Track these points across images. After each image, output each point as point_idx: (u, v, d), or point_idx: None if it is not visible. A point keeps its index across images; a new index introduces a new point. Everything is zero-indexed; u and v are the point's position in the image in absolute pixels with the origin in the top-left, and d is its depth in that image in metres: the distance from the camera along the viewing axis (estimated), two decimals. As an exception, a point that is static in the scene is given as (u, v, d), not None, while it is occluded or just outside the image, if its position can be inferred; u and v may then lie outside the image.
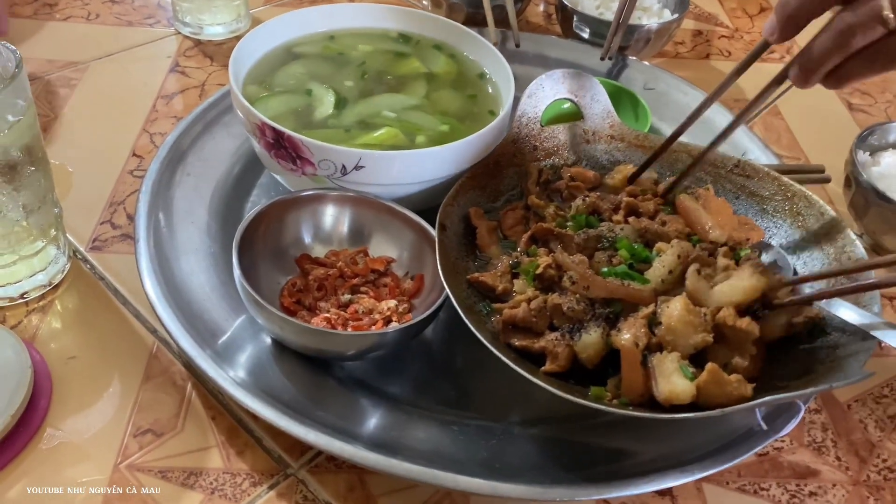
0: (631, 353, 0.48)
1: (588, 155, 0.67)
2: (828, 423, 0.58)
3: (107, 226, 0.67)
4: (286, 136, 0.57)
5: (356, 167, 0.58)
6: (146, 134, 0.77)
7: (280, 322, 0.51)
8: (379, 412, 0.52)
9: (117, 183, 0.71)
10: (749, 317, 0.50)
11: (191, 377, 0.56)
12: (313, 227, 0.60)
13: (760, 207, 0.63)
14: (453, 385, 0.56)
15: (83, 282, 0.62)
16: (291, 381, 0.53)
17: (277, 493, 0.50)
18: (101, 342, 0.58)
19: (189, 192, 0.66)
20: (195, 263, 0.60)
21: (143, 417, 0.53)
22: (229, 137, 0.72)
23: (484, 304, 0.56)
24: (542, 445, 0.51)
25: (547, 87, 0.66)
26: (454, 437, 0.51)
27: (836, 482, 0.54)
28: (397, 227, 0.60)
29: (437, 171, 0.60)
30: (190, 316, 0.56)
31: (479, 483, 0.47)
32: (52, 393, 0.54)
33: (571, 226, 0.60)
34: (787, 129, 0.88)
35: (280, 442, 0.52)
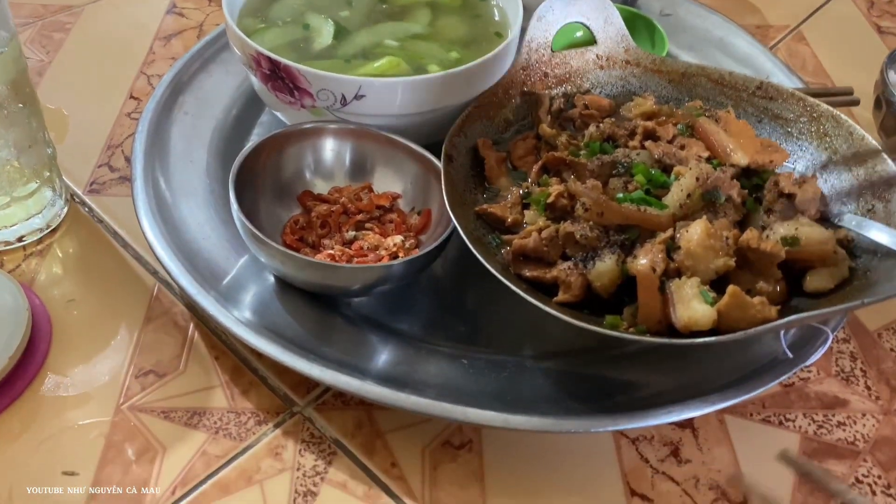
0: (647, 278, 0.46)
1: (602, 82, 0.64)
2: (856, 352, 0.56)
3: (104, 169, 0.65)
4: (282, 65, 0.55)
5: (356, 97, 0.55)
6: (143, 76, 0.74)
7: (282, 257, 0.49)
8: (387, 348, 0.50)
9: (115, 125, 0.69)
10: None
11: (193, 318, 0.54)
12: (314, 162, 0.58)
13: (784, 130, 0.60)
14: (463, 320, 0.54)
15: (82, 225, 0.60)
16: (296, 319, 0.51)
17: (283, 432, 0.48)
18: (102, 285, 0.56)
19: (188, 131, 0.64)
20: (195, 203, 0.58)
21: (144, 359, 0.52)
22: (228, 76, 0.69)
23: (493, 237, 0.54)
24: (555, 378, 0.49)
25: (557, 10, 0.63)
26: (464, 370, 0.49)
27: (866, 412, 0.52)
28: (401, 161, 0.58)
29: (443, 100, 0.58)
30: (191, 256, 0.54)
31: (490, 415, 0.45)
32: (51, 336, 0.52)
33: (585, 154, 0.57)
34: (812, 54, 0.83)
35: (285, 380, 0.51)
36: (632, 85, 0.64)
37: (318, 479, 0.46)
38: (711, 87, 0.63)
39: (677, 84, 0.64)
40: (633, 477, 0.48)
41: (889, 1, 0.93)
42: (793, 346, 0.49)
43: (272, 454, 0.47)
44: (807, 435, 0.50)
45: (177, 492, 0.45)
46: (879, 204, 0.52)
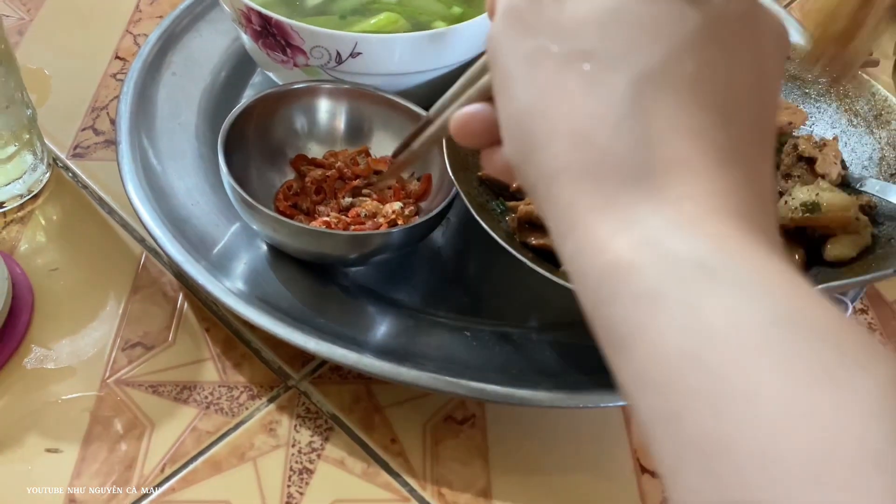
0: None
1: (610, 40, 0.61)
2: (875, 323, 0.53)
3: (89, 132, 0.62)
4: (274, 21, 0.52)
5: (352, 54, 0.52)
6: (129, 35, 0.71)
7: (274, 224, 0.47)
8: (386, 319, 0.48)
9: (99, 87, 0.66)
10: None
11: (182, 288, 0.52)
12: (308, 124, 0.55)
13: (803, 91, 0.57)
14: (466, 290, 0.52)
15: (65, 191, 0.57)
16: (290, 289, 0.49)
17: (278, 406, 0.46)
18: (86, 253, 0.54)
19: (175, 93, 0.61)
20: (183, 168, 0.55)
21: (131, 330, 0.49)
22: (218, 34, 0.66)
23: (498, 203, 0.51)
24: (562, 350, 0.47)
25: (564, -36, 0.59)
26: (467, 343, 0.47)
27: (885, 385, 0.50)
28: (400, 123, 0.55)
29: (444, 58, 0.55)
30: (179, 223, 0.51)
31: (494, 389, 0.43)
32: (33, 307, 0.50)
33: (593, 116, 0.54)
34: (828, 14, 0.80)
35: (280, 353, 0.48)
36: (642, 44, 0.61)
37: (315, 455, 0.44)
38: (725, 47, 0.60)
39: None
40: (644, 453, 0.46)
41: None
42: (810, 317, 0.47)
43: (266, 430, 0.45)
44: (823, 409, 0.48)
45: (166, 469, 0.43)
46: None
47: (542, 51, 0.23)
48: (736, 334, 0.18)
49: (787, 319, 0.18)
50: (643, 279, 0.19)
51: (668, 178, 0.20)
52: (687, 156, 0.21)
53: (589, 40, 0.22)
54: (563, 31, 0.23)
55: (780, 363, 0.17)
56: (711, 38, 0.22)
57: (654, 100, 0.21)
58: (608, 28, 0.22)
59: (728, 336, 0.18)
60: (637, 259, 0.20)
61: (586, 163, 0.21)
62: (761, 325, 0.17)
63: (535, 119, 0.23)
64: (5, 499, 0.41)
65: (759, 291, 0.18)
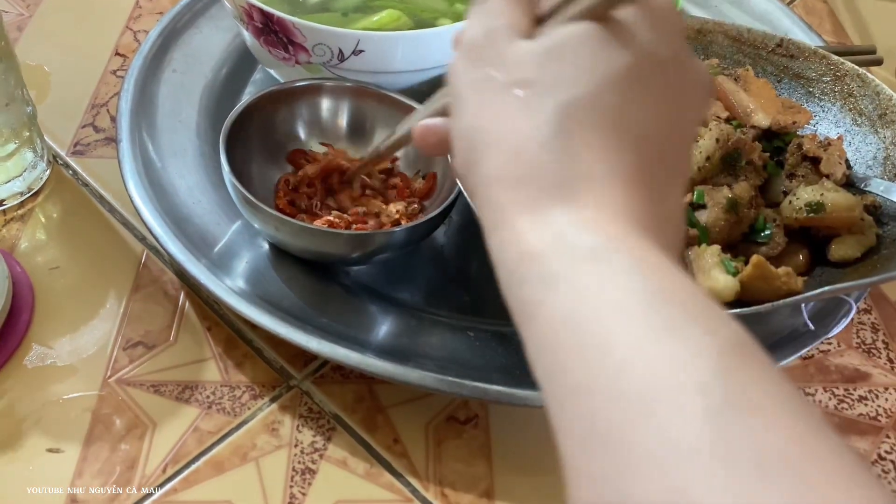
0: None
1: (613, 38, 0.61)
2: (878, 323, 0.53)
3: (89, 129, 0.62)
4: (276, 18, 0.51)
5: (355, 52, 0.52)
6: (129, 32, 0.70)
7: (276, 223, 0.46)
8: (388, 319, 0.48)
9: (99, 84, 0.65)
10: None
11: (183, 286, 0.52)
12: (310, 122, 0.55)
13: (806, 90, 0.56)
14: (468, 290, 0.52)
15: (65, 188, 0.57)
16: (292, 288, 0.49)
17: (280, 406, 0.46)
18: (87, 252, 0.53)
19: (176, 90, 0.61)
20: (184, 166, 0.55)
21: (133, 329, 0.49)
22: (219, 31, 0.65)
23: (500, 202, 0.51)
24: (566, 351, 0.47)
25: (567, -39, 0.59)
26: (470, 343, 0.47)
27: (889, 385, 0.50)
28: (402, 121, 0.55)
29: (446, 56, 0.54)
30: (180, 221, 0.51)
31: (497, 390, 0.43)
32: (34, 306, 0.50)
33: (596, 114, 0.54)
34: (831, 12, 0.80)
35: (282, 352, 0.48)
36: (645, 42, 0.61)
37: (317, 455, 0.44)
38: (729, 45, 0.60)
39: (693, 41, 0.60)
40: (647, 454, 0.45)
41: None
42: (814, 317, 0.47)
43: (268, 430, 0.45)
44: (827, 410, 0.48)
45: (168, 470, 0.43)
46: (908, 168, 0.49)
47: (489, 79, 0.27)
48: (603, 300, 0.22)
49: (649, 290, 0.22)
50: (546, 264, 0.23)
51: (579, 188, 0.24)
52: (598, 172, 0.25)
53: (528, 72, 0.26)
54: (507, 64, 0.26)
55: (634, 320, 0.21)
56: (636, 77, 0.25)
57: (576, 123, 0.25)
58: (545, 62, 0.26)
59: (597, 302, 0.22)
60: (544, 249, 0.24)
61: (517, 173, 0.25)
62: (626, 293, 0.22)
63: (477, 135, 0.27)
64: (6, 498, 0.41)
65: (632, 271, 0.22)
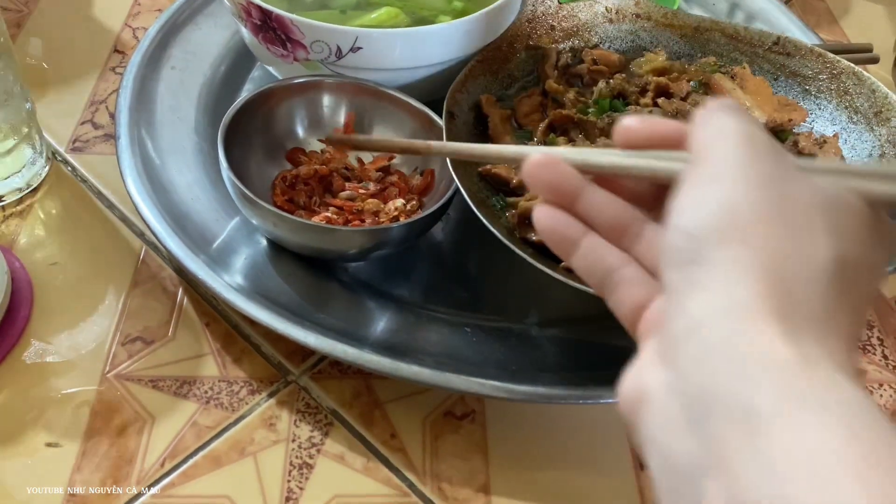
0: None
1: (611, 36, 0.61)
2: (873, 319, 0.54)
3: (88, 126, 0.62)
4: (274, 15, 0.52)
5: (353, 49, 0.52)
6: (128, 29, 0.71)
7: (275, 219, 0.46)
8: (386, 315, 0.48)
9: (98, 80, 0.65)
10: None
11: (182, 282, 0.52)
12: (308, 119, 0.55)
13: (802, 88, 0.57)
14: (465, 286, 0.52)
15: (64, 185, 0.57)
16: (290, 285, 0.49)
17: (278, 401, 0.46)
18: (86, 248, 0.53)
19: (175, 86, 0.61)
20: (183, 162, 0.55)
21: (131, 325, 0.49)
22: (217, 28, 0.66)
23: (497, 199, 0.51)
24: (562, 347, 0.47)
25: (565, -41, 0.59)
26: (467, 339, 0.47)
27: (884, 382, 0.50)
28: (401, 118, 0.55)
29: (444, 53, 0.54)
30: (179, 218, 0.51)
31: (494, 386, 0.43)
32: (33, 301, 0.50)
33: (594, 112, 0.54)
34: (828, 10, 0.80)
35: (280, 348, 0.48)
36: (642, 40, 0.61)
37: (315, 450, 0.44)
38: (725, 43, 0.60)
39: (690, 39, 0.61)
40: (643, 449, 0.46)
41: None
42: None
43: (266, 425, 0.45)
44: (822, 406, 0.48)
45: (166, 464, 0.43)
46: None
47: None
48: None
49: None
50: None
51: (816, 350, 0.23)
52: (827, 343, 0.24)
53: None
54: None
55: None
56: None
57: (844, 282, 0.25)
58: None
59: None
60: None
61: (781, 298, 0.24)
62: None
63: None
64: (7, 492, 0.41)
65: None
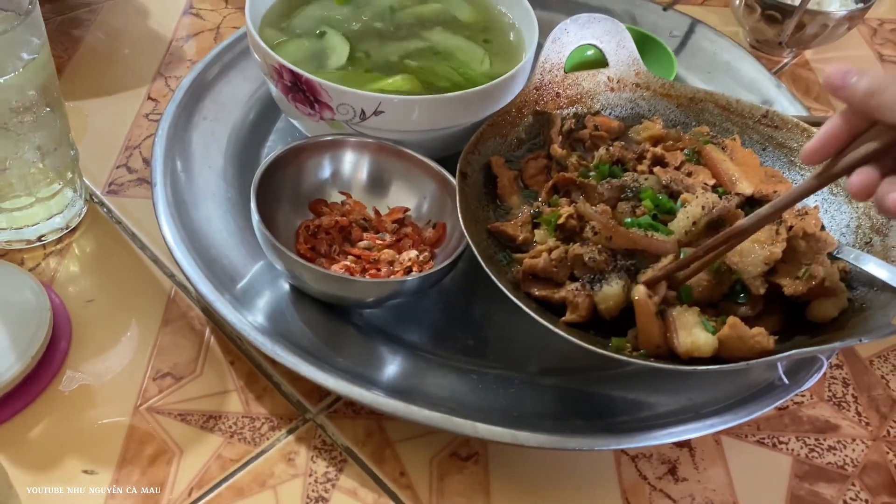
0: (643, 303, 0.47)
1: (612, 103, 0.66)
2: (849, 378, 0.58)
3: (122, 170, 0.66)
4: (304, 78, 0.56)
5: (375, 112, 0.56)
6: (161, 77, 0.75)
7: (300, 268, 0.51)
8: (398, 359, 0.52)
9: (133, 126, 0.70)
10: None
11: (209, 322, 0.56)
12: (332, 174, 0.60)
13: (788, 159, 0.61)
14: (472, 334, 0.56)
15: (100, 226, 0.61)
16: (310, 328, 0.53)
17: (296, 438, 0.50)
18: (120, 286, 0.57)
19: (206, 136, 0.65)
20: (212, 208, 0.60)
21: (162, 361, 0.53)
22: (245, 81, 0.70)
23: (504, 254, 0.55)
24: (561, 395, 0.51)
25: (572, 32, 0.64)
26: (473, 385, 0.51)
27: (856, 437, 0.54)
28: (417, 175, 0.59)
29: (458, 118, 0.59)
30: (208, 261, 0.55)
31: (498, 431, 0.47)
32: (71, 335, 0.54)
33: (594, 176, 0.58)
34: (817, 80, 0.85)
35: (299, 387, 0.52)
36: (641, 108, 0.66)
37: (330, 485, 0.48)
38: (718, 113, 0.65)
39: (685, 108, 0.66)
40: (632, 493, 0.49)
41: (893, 29, 0.95)
42: (789, 372, 0.51)
43: (285, 459, 0.49)
44: (798, 457, 0.52)
45: (193, 494, 0.47)
46: (877, 238, 0.53)
47: None
48: None
49: None
50: None
51: None
52: None
53: None
54: None
55: None
56: None
57: None
58: None
59: None
60: None
61: None
62: None
63: None
64: (44, 516, 0.45)
65: None
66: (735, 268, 0.49)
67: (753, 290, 0.49)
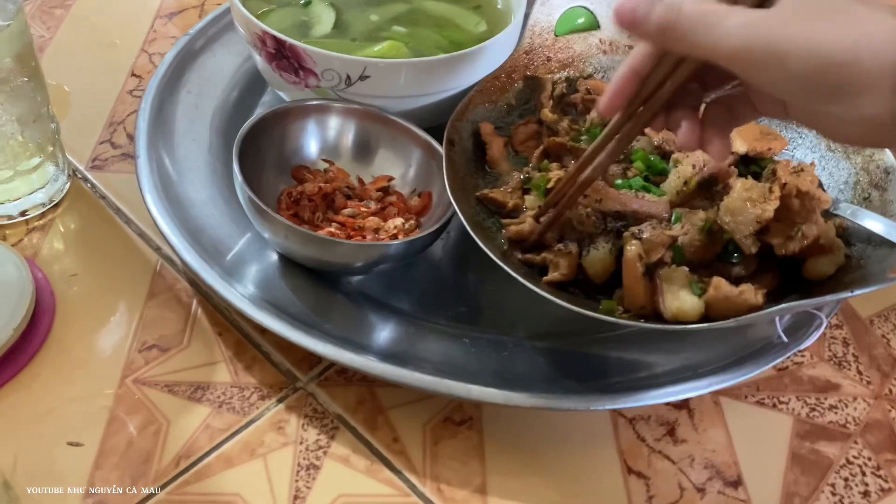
0: (631, 263, 0.46)
1: (605, 66, 0.65)
2: (849, 338, 0.57)
3: (107, 145, 0.65)
4: (288, 44, 0.55)
5: (361, 77, 0.55)
6: (145, 54, 0.74)
7: (286, 231, 0.49)
8: (389, 325, 0.51)
9: (117, 103, 0.69)
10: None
11: (196, 293, 0.55)
12: (317, 140, 0.58)
13: (783, 118, 0.60)
14: (463, 300, 0.55)
15: (84, 201, 0.60)
16: (299, 296, 0.52)
17: (286, 406, 0.49)
18: (104, 261, 0.56)
19: (190, 110, 0.64)
20: (198, 181, 0.59)
21: (148, 333, 0.52)
22: (231, 55, 0.69)
23: (493, 221, 0.54)
24: (554, 357, 0.50)
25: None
26: (465, 349, 0.50)
27: (858, 395, 0.53)
28: (403, 143, 0.58)
29: (446, 83, 0.58)
30: (194, 232, 0.54)
31: (491, 392, 0.46)
32: (55, 310, 0.53)
33: (586, 139, 0.57)
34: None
35: (288, 356, 0.51)
36: (633, 71, 0.65)
37: (321, 452, 0.47)
38: (711, 75, 0.63)
39: (678, 70, 0.64)
40: (630, 455, 0.48)
41: None
42: (787, 331, 0.50)
43: (275, 428, 0.48)
44: (799, 417, 0.51)
45: (181, 464, 0.46)
46: (875, 192, 0.52)
47: None
48: None
49: None
50: None
51: None
52: None
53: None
54: None
55: None
56: None
57: None
58: None
59: None
60: None
61: None
62: None
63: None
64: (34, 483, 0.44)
65: None
66: (727, 227, 0.48)
67: (745, 249, 0.48)
